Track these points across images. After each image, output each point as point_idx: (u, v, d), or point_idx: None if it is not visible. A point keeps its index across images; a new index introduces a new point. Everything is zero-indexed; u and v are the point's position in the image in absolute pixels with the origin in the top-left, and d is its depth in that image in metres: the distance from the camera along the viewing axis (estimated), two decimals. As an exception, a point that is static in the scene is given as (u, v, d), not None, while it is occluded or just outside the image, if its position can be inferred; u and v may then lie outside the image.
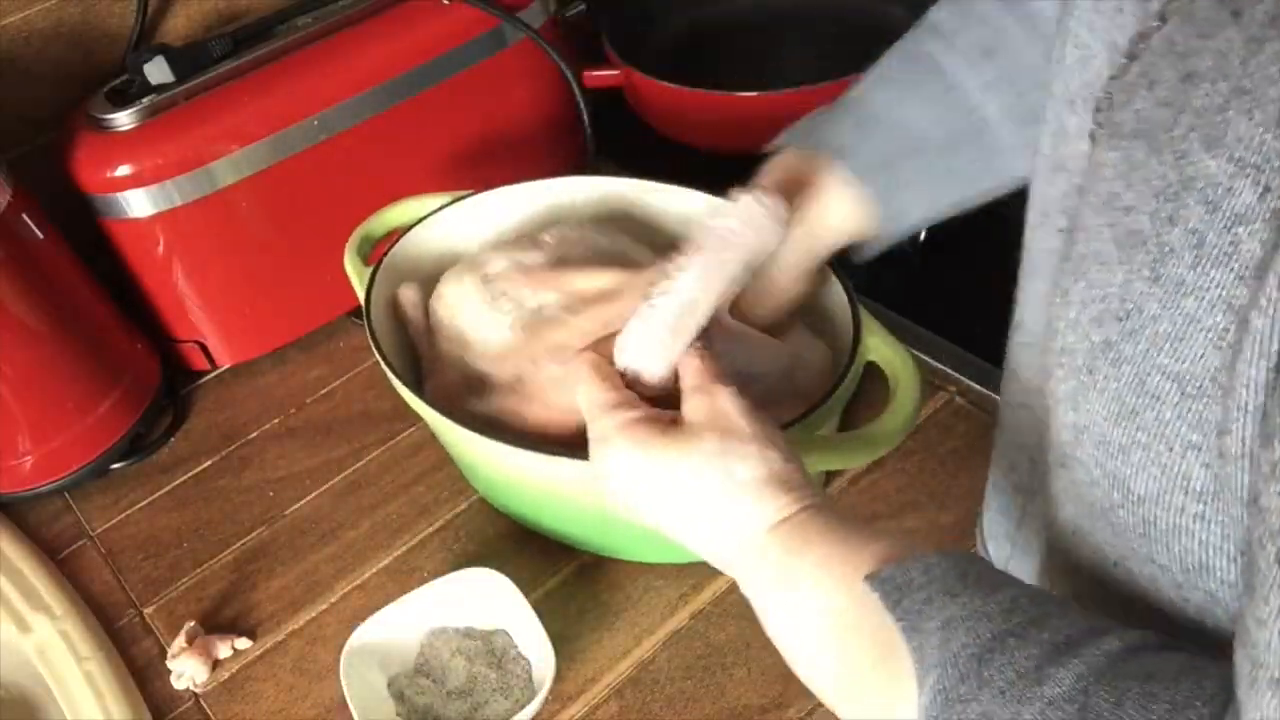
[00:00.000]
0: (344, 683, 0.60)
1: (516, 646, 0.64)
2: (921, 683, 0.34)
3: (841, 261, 0.68)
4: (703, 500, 0.44)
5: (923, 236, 0.96)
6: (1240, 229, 0.29)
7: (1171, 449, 0.32)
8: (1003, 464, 0.53)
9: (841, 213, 0.57)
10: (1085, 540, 0.39)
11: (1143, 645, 0.33)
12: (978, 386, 0.77)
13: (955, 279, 0.88)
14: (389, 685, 0.63)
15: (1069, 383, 0.35)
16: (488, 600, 0.64)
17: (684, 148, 1.01)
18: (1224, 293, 0.29)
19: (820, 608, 0.40)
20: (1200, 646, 0.33)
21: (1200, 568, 0.33)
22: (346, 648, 0.62)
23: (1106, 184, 0.34)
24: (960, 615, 0.35)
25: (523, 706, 0.60)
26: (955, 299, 0.85)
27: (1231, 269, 0.29)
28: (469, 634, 0.64)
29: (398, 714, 0.62)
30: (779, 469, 0.43)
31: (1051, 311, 0.37)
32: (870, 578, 0.37)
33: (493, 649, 0.64)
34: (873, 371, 0.63)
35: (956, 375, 0.78)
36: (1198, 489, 0.31)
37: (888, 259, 0.60)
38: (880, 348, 0.62)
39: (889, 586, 0.37)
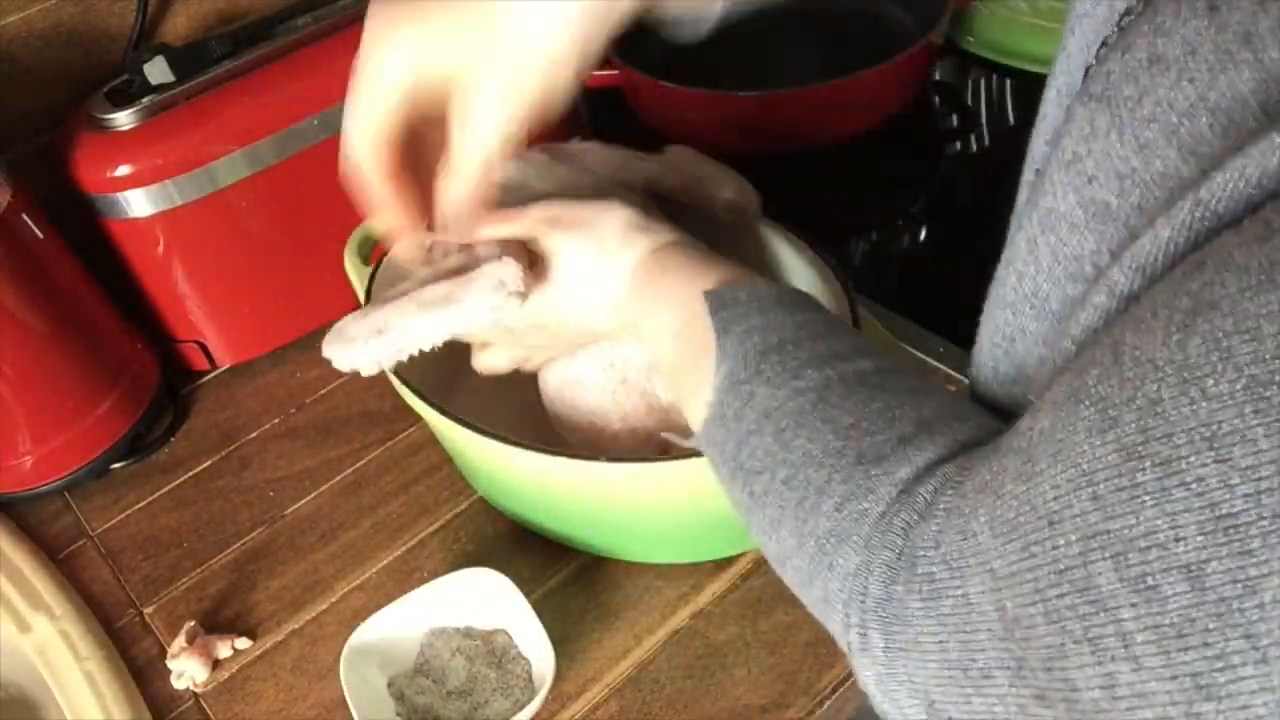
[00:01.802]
0: (344, 682, 0.60)
1: (516, 646, 0.64)
2: (718, 370, 0.44)
3: (841, 261, 0.68)
4: (585, 281, 0.53)
5: (923, 236, 0.96)
6: None
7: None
8: None
9: None
10: None
11: (893, 369, 0.42)
12: (978, 386, 0.77)
13: (955, 278, 0.88)
14: (389, 685, 0.63)
15: (1042, 323, 0.37)
16: (488, 600, 0.64)
17: (684, 148, 1.01)
18: None
19: (670, 318, 0.49)
20: None
21: None
22: (346, 647, 0.62)
23: (1071, 141, 0.34)
24: (760, 325, 0.44)
25: (522, 707, 0.60)
26: (955, 298, 0.85)
27: None
28: (469, 634, 0.65)
29: (398, 714, 0.62)
30: (629, 216, 0.53)
31: (1011, 253, 0.38)
32: (706, 293, 0.46)
33: (493, 649, 0.64)
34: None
35: (956, 375, 0.78)
36: None
37: (888, 259, 0.60)
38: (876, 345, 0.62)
39: (715, 300, 0.46)
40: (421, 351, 0.55)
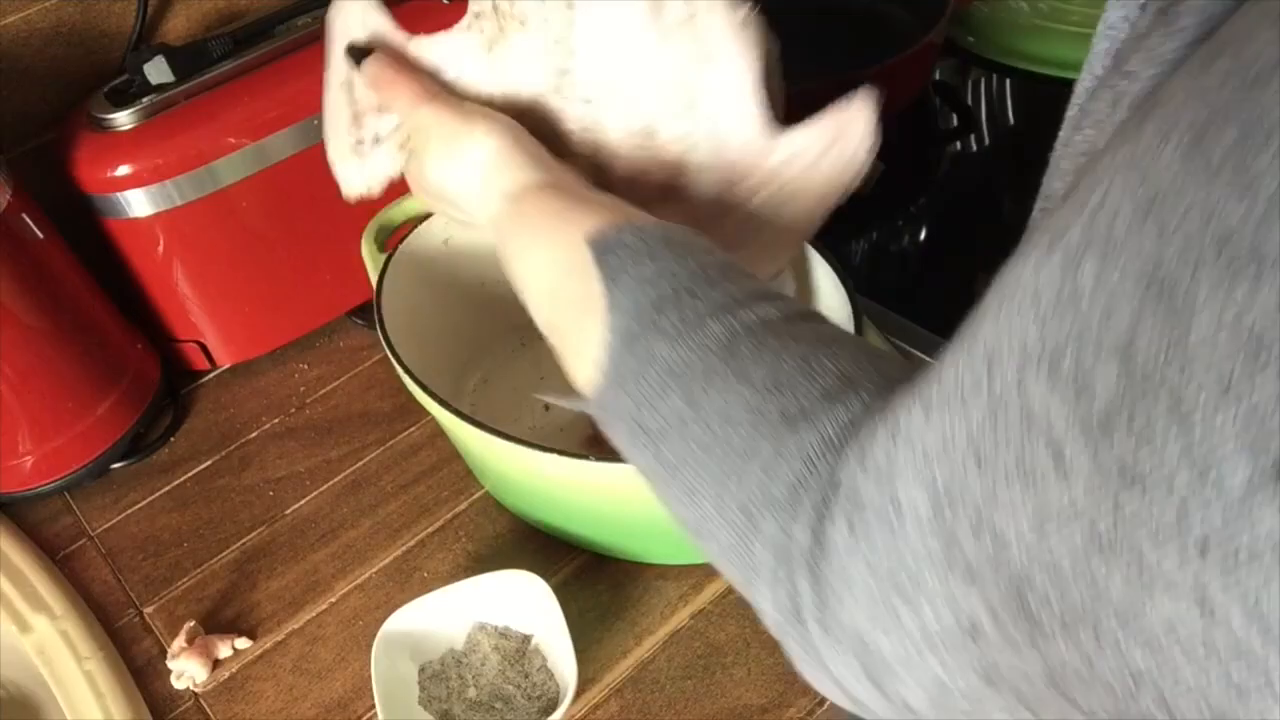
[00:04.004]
0: (374, 666, 0.61)
1: (544, 655, 0.64)
2: (609, 325, 0.40)
3: (841, 261, 0.68)
4: (452, 181, 0.54)
5: (923, 236, 0.96)
6: None
7: None
8: None
9: None
10: None
11: (800, 315, 0.39)
12: (978, 386, 0.77)
13: (955, 279, 0.88)
14: (420, 671, 0.63)
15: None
16: (524, 604, 0.64)
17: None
18: None
19: (545, 267, 0.46)
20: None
21: None
22: (381, 632, 0.62)
23: (1126, 50, 0.32)
24: (652, 273, 0.41)
25: (545, 715, 0.60)
26: (955, 299, 0.85)
27: None
28: (505, 634, 0.64)
29: (419, 702, 0.62)
30: (494, 152, 0.52)
31: (1055, 154, 0.36)
32: (588, 239, 0.43)
33: (524, 653, 0.64)
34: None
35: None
36: None
37: (888, 259, 0.60)
38: None
39: (599, 246, 0.43)
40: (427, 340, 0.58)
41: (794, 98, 0.95)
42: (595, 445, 0.64)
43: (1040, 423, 0.24)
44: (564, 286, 0.44)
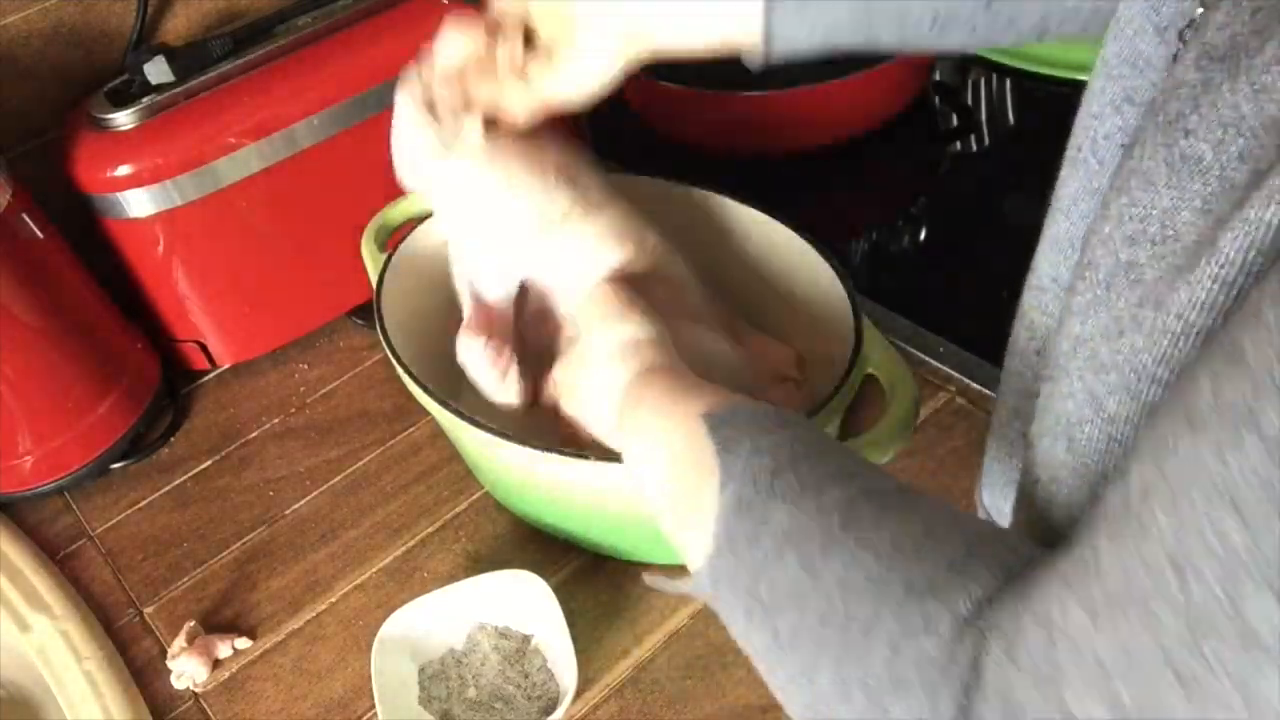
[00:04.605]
0: (373, 666, 0.61)
1: (544, 655, 0.64)
2: (721, 493, 0.39)
3: (841, 261, 0.68)
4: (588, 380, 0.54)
5: (923, 236, 0.96)
6: None
7: (1140, 379, 0.32)
8: (1001, 418, 0.52)
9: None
10: (1039, 454, 0.39)
11: (920, 492, 0.38)
12: (977, 386, 0.77)
13: (955, 279, 0.88)
14: (420, 672, 0.63)
15: (1085, 296, 0.34)
16: (524, 604, 0.64)
17: (684, 148, 1.01)
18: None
19: (660, 444, 0.46)
20: None
21: None
22: (381, 632, 0.62)
23: (1177, 104, 0.31)
24: (767, 444, 0.40)
25: (545, 715, 0.60)
26: (955, 299, 0.85)
27: None
28: (505, 634, 0.64)
29: (419, 702, 0.62)
30: (627, 337, 0.53)
31: (1090, 225, 0.36)
32: (704, 414, 0.43)
33: (524, 653, 0.64)
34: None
35: (957, 375, 0.78)
36: None
37: (888, 259, 0.60)
38: (879, 361, 0.62)
39: (713, 420, 0.42)
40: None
41: (796, 99, 0.96)
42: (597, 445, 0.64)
43: (1269, 644, 0.21)
44: (679, 462, 0.43)
